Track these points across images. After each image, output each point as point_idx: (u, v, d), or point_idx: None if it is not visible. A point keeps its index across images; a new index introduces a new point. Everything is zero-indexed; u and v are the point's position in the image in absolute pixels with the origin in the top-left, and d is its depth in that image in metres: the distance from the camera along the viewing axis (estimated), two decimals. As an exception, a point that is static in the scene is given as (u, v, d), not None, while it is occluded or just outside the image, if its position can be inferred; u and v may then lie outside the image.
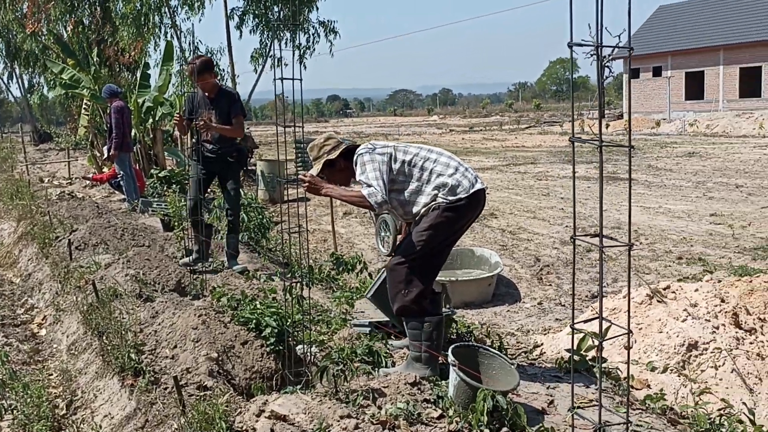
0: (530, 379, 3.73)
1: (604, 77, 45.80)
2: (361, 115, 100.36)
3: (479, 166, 19.92)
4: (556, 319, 6.25)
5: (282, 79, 3.63)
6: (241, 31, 22.49)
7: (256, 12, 22.25)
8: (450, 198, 3.54)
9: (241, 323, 4.05)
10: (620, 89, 43.41)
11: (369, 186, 3.53)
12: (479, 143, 30.23)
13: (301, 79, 3.57)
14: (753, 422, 3.16)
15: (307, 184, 3.65)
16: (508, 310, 6.75)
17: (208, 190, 7.65)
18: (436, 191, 3.57)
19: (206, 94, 6.20)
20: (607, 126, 35.96)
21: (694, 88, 39.18)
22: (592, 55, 42.84)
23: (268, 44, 22.61)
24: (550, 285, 7.55)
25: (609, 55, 41.42)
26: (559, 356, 4.19)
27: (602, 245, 1.68)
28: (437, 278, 4.67)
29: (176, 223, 7.26)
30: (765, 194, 13.12)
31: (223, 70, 21.56)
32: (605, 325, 2.49)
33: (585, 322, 2.02)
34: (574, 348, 3.72)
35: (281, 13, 21.25)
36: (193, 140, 6.46)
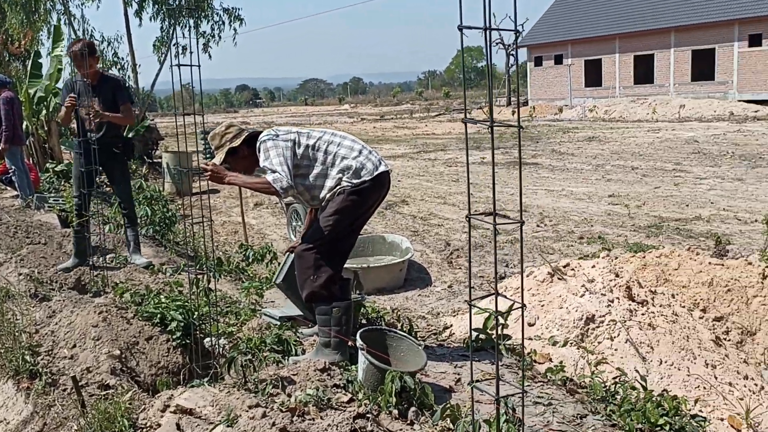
0: (439, 360, 3.81)
1: (510, 65, 47.19)
2: (272, 104, 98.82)
3: (390, 153, 20.08)
4: (466, 301, 6.38)
5: (180, 65, 3.52)
6: (140, 18, 21.56)
7: (156, -2, 21.40)
8: (354, 181, 3.55)
9: (146, 318, 3.94)
10: (525, 77, 44.79)
11: (274, 172, 3.49)
12: (390, 131, 30.45)
13: (199, 66, 3.48)
14: (645, 388, 3.35)
15: (209, 173, 3.57)
16: (420, 294, 6.86)
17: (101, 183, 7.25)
18: (340, 174, 3.57)
19: (87, 81, 5.81)
20: (514, 113, 37.07)
21: (593, 75, 40.93)
22: (497, 43, 44.21)
23: (171, 32, 21.84)
24: (460, 268, 7.73)
25: (514, 43, 42.61)
26: (467, 336, 4.30)
27: (495, 222, 1.73)
28: (349, 266, 4.69)
29: (74, 219, 6.93)
30: (658, 175, 13.91)
31: (123, 59, 20.72)
32: (506, 301, 2.57)
33: (482, 298, 2.08)
34: (479, 327, 3.85)
35: (182, -1, 20.57)
36: (76, 131, 6.07)
